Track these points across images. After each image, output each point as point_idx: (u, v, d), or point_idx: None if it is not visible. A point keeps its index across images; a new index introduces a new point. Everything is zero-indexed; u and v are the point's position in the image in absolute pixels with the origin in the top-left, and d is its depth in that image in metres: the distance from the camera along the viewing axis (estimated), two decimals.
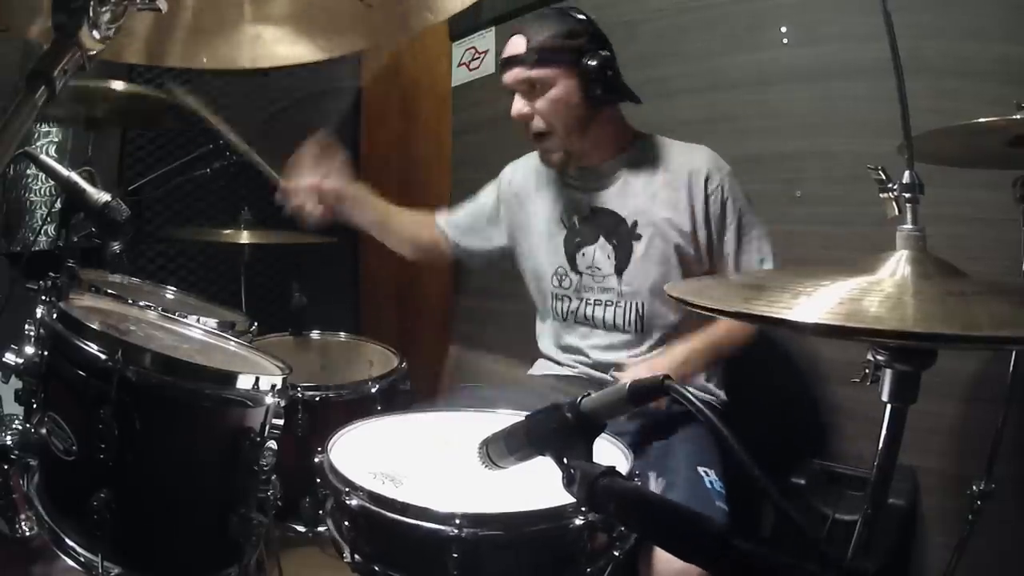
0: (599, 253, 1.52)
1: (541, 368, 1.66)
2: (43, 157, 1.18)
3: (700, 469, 1.26)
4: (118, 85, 1.88)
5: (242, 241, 2.13)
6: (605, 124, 1.50)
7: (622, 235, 1.50)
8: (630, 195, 1.50)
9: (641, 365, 1.42)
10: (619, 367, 1.45)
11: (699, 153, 1.50)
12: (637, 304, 1.49)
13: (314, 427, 1.53)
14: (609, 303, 1.51)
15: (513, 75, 1.46)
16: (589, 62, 1.41)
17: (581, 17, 1.46)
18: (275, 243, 2.23)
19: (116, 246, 1.30)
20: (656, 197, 1.47)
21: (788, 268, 1.44)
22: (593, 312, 1.53)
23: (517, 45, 1.45)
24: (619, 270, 1.50)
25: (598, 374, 1.53)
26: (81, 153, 1.92)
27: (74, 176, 1.12)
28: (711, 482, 1.24)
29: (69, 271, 1.18)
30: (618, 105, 1.52)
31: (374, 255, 3.48)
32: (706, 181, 1.46)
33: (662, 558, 1.11)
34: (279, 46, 0.83)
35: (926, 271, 0.71)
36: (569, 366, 1.59)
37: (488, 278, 2.75)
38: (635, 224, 1.49)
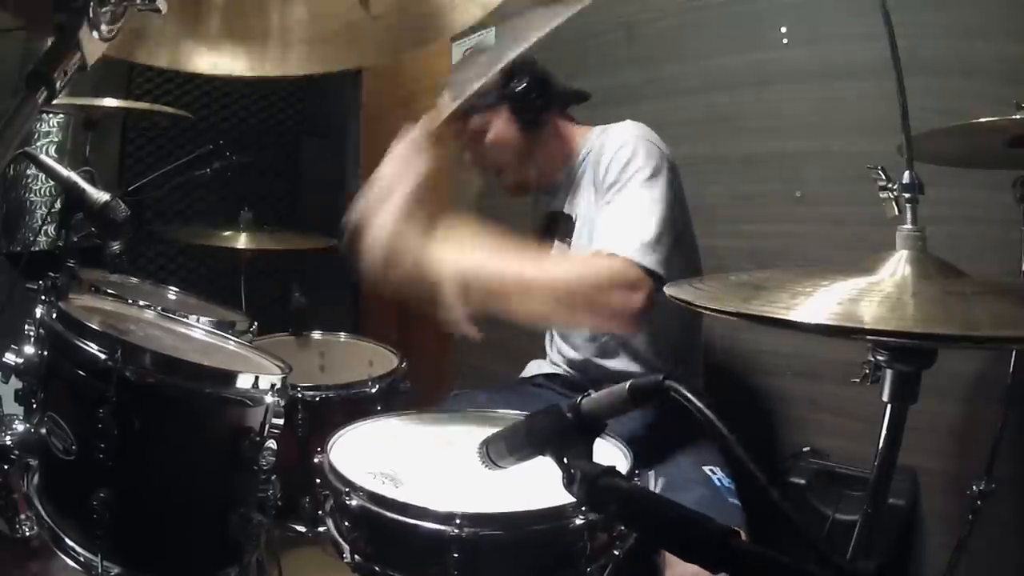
0: (569, 236, 1.53)
1: (531, 369, 1.67)
2: (43, 157, 1.19)
3: (706, 468, 1.26)
4: (111, 102, 1.88)
5: (240, 245, 2.13)
6: (550, 140, 1.50)
7: (569, 232, 1.51)
8: (576, 192, 1.50)
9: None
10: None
11: (614, 129, 1.43)
12: None
13: (314, 427, 1.53)
14: None
15: (455, 131, 1.49)
16: (512, 92, 1.43)
17: None
18: (274, 247, 2.24)
19: (116, 246, 1.30)
20: (586, 187, 1.46)
21: (788, 268, 1.44)
22: None
23: (446, 102, 1.47)
24: None
25: (574, 372, 1.56)
26: (81, 153, 1.92)
27: (74, 176, 1.12)
28: (719, 479, 1.24)
29: (69, 271, 1.18)
30: (557, 118, 1.52)
31: None
32: (603, 151, 1.39)
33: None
34: (282, 62, 0.83)
35: (926, 271, 0.71)
36: (555, 363, 1.61)
37: None
38: (572, 218, 1.50)
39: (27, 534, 1.06)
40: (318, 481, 1.02)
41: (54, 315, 1.06)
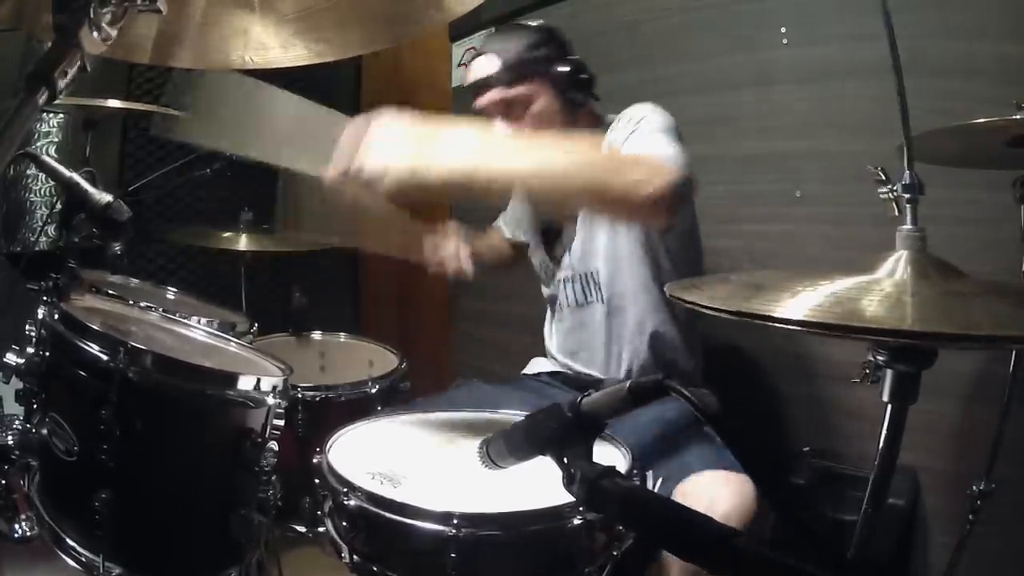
0: (573, 238, 1.53)
1: (534, 367, 1.67)
2: (44, 157, 1.18)
3: (706, 429, 1.26)
4: (114, 102, 1.87)
5: (241, 247, 2.13)
6: (584, 124, 1.49)
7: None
8: None
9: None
10: None
11: (628, 109, 1.43)
12: (591, 274, 1.48)
13: (314, 427, 1.53)
14: (567, 280, 1.53)
15: (489, 98, 1.43)
16: (561, 69, 1.41)
17: (541, 26, 1.46)
18: (274, 250, 2.23)
19: (116, 247, 1.30)
20: None
21: (788, 268, 1.44)
22: (563, 293, 1.55)
23: (487, 66, 1.42)
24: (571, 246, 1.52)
25: (583, 369, 1.54)
26: (81, 153, 1.92)
27: (76, 176, 1.12)
28: (720, 444, 1.24)
29: (70, 272, 1.18)
30: (591, 103, 1.51)
31: (374, 256, 3.49)
32: (617, 122, 1.40)
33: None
34: (283, 48, 0.83)
35: (926, 271, 0.71)
36: (557, 359, 1.61)
37: (488, 278, 2.75)
38: None
39: (28, 534, 1.06)
40: (317, 481, 1.02)
41: (55, 316, 1.06)
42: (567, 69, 1.42)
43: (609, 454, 1.08)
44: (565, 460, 0.69)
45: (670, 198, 1.10)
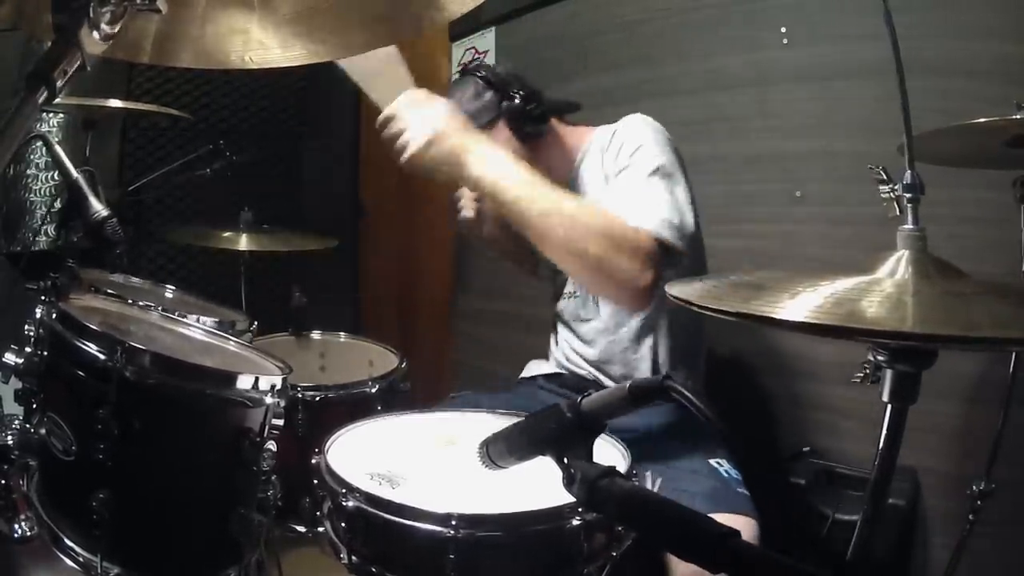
0: None
1: (531, 369, 1.67)
2: (57, 148, 1.19)
3: (713, 461, 1.27)
4: (114, 102, 1.88)
5: (241, 247, 2.13)
6: (550, 150, 1.49)
7: None
8: (584, 190, 1.48)
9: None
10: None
11: (623, 123, 1.44)
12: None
13: (314, 427, 1.53)
14: (572, 295, 1.54)
15: None
16: (508, 108, 1.42)
17: (480, 73, 1.47)
18: (274, 250, 2.24)
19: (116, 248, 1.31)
20: (590, 181, 1.46)
21: (788, 268, 1.44)
22: (567, 307, 1.55)
23: None
24: None
25: (583, 372, 1.53)
26: (80, 153, 1.92)
27: (81, 180, 1.12)
28: (727, 471, 1.25)
29: (69, 271, 1.18)
30: (555, 126, 1.50)
31: (374, 256, 3.49)
32: (612, 142, 1.40)
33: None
34: (283, 48, 0.82)
35: (926, 271, 0.71)
36: (559, 362, 1.60)
37: (488, 278, 2.75)
38: None
39: (27, 534, 1.06)
40: (316, 482, 1.02)
41: (54, 315, 1.06)
42: (514, 106, 1.42)
43: (609, 454, 1.08)
44: (565, 460, 0.69)
45: (652, 290, 1.18)
